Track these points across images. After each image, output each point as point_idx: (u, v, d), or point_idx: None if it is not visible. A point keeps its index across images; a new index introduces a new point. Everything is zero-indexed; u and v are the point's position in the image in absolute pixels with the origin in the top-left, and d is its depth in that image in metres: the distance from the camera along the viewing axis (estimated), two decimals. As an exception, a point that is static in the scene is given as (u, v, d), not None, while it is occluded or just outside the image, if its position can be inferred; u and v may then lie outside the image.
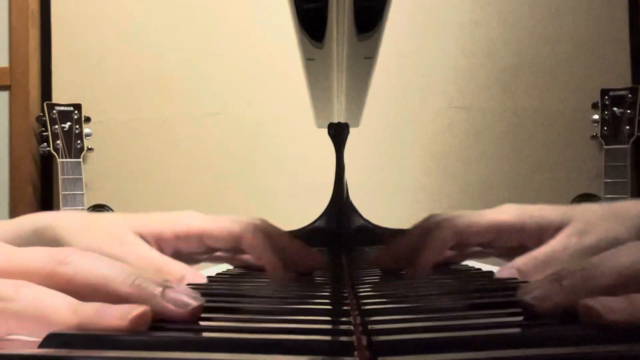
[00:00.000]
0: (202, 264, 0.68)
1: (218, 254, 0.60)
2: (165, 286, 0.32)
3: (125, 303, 0.30)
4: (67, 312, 0.28)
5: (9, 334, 0.30)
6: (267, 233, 0.56)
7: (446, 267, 0.65)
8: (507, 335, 0.26)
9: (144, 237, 0.53)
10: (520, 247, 0.54)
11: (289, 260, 0.57)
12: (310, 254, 0.57)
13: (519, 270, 0.47)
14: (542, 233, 0.51)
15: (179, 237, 0.53)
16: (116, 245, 0.51)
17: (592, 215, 0.50)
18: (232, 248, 0.56)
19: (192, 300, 0.32)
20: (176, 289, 0.32)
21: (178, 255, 0.57)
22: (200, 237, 0.54)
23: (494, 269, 0.65)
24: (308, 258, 0.57)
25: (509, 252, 0.56)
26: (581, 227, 0.49)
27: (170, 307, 0.31)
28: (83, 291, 0.31)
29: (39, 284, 0.30)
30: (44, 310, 0.29)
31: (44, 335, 0.28)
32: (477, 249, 0.59)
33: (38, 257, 0.32)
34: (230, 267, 0.73)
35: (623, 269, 0.30)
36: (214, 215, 0.56)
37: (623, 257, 0.30)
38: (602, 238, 0.48)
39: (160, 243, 0.53)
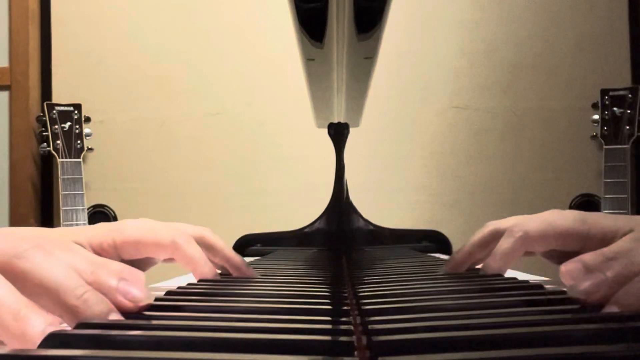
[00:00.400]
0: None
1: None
2: (111, 308, 0.32)
3: (70, 313, 0.31)
4: (9, 316, 0.28)
5: None
6: (207, 245, 0.56)
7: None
8: (508, 335, 0.26)
9: (84, 248, 0.51)
10: (574, 252, 0.53)
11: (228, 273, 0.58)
12: (247, 273, 0.58)
13: (586, 265, 0.47)
14: (606, 240, 0.50)
15: (117, 247, 0.53)
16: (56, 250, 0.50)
17: None
18: (167, 258, 0.56)
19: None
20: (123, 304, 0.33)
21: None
22: (136, 247, 0.53)
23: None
24: (245, 275, 0.57)
25: (560, 255, 0.56)
26: None
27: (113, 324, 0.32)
28: (34, 289, 0.31)
29: None
30: None
31: None
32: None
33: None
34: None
35: None
36: (165, 223, 0.56)
37: None
38: None
39: (101, 253, 0.53)
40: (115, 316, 0.32)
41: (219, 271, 0.59)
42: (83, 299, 0.31)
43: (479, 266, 0.57)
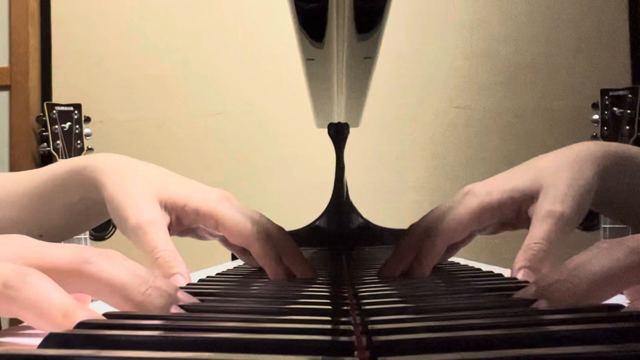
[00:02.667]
0: (202, 264, 0.68)
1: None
2: (174, 299, 0.36)
3: (137, 308, 0.35)
4: (58, 315, 0.30)
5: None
6: (279, 243, 0.57)
7: (447, 266, 0.65)
8: (508, 335, 0.26)
9: (166, 207, 0.56)
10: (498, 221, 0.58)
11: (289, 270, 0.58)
12: (309, 272, 0.58)
13: (531, 269, 0.50)
14: (518, 205, 0.56)
15: (198, 215, 0.56)
16: (134, 215, 0.54)
17: (559, 174, 0.55)
18: (240, 245, 0.58)
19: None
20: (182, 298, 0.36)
21: (194, 229, 0.60)
22: (216, 224, 0.56)
23: (494, 268, 0.65)
24: (304, 274, 0.57)
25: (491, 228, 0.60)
26: (556, 195, 0.53)
27: None
28: (103, 290, 0.34)
29: (66, 279, 0.33)
30: (41, 307, 0.30)
31: (41, 329, 0.30)
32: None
33: (65, 255, 0.34)
34: (231, 267, 0.73)
35: (596, 278, 0.33)
36: (242, 207, 0.58)
37: (595, 267, 0.34)
38: (576, 204, 0.53)
39: (180, 215, 0.57)
40: (176, 310, 0.35)
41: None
42: (146, 294, 0.35)
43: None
